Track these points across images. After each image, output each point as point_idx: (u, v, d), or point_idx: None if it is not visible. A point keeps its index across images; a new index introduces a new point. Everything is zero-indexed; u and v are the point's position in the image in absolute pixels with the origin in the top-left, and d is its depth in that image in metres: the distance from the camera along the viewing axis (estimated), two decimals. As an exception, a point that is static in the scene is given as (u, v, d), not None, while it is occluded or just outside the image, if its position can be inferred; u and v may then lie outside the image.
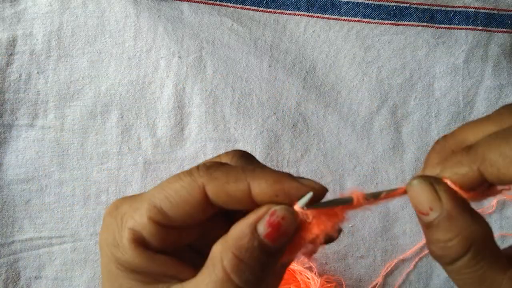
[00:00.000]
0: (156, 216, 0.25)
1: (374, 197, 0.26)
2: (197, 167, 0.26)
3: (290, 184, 0.25)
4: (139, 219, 0.25)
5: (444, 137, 0.29)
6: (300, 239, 0.25)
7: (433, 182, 0.25)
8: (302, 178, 0.26)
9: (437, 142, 0.29)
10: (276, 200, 0.25)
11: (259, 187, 0.24)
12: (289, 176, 0.25)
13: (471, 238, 0.24)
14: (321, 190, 0.25)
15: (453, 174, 0.26)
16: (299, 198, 0.25)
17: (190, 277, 0.25)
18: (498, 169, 0.24)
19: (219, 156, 0.29)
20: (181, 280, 0.26)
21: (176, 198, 0.25)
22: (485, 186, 0.26)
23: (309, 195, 0.24)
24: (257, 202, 0.25)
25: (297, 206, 0.25)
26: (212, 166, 0.26)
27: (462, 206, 0.25)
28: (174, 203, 0.25)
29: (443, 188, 0.25)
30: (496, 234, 0.58)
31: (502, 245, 0.47)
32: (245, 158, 0.29)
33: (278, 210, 0.24)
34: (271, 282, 0.27)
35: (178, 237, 0.26)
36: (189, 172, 0.26)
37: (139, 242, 0.25)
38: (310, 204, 0.25)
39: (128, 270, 0.25)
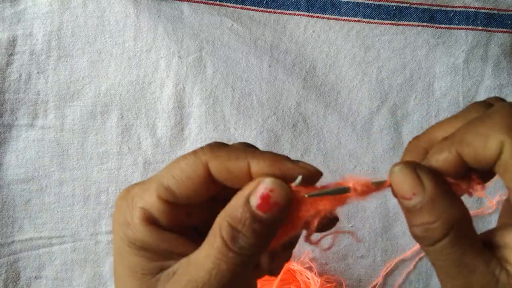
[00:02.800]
0: (163, 194, 0.27)
1: (376, 185, 0.27)
2: (202, 147, 0.28)
3: (286, 165, 0.27)
4: (148, 199, 0.27)
5: (416, 137, 0.30)
6: (296, 219, 0.27)
7: (416, 167, 0.26)
8: (299, 161, 0.27)
9: (410, 142, 0.30)
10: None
11: (258, 165, 0.26)
12: (286, 158, 0.27)
13: (452, 221, 0.25)
14: (315, 173, 0.27)
15: (434, 161, 0.26)
16: (294, 179, 0.26)
17: None
18: (475, 148, 0.25)
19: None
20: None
21: (181, 176, 0.27)
22: (469, 176, 0.27)
23: (300, 177, 0.26)
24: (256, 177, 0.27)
25: (293, 186, 0.27)
26: (215, 146, 0.28)
27: (444, 190, 0.26)
28: (180, 180, 0.27)
29: (425, 173, 0.26)
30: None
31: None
32: (248, 144, 0.31)
33: (267, 182, 0.26)
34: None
35: (185, 216, 0.28)
36: (194, 152, 0.27)
37: (149, 220, 0.27)
38: (305, 184, 0.27)
39: (139, 248, 0.27)
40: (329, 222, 0.29)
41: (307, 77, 0.58)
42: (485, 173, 0.27)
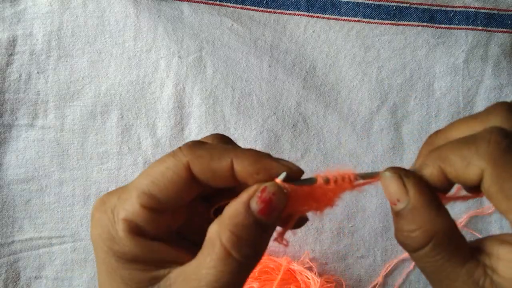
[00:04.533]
0: (147, 202, 0.26)
1: (361, 179, 0.28)
2: (180, 148, 0.27)
3: (270, 164, 0.26)
4: (130, 208, 0.26)
5: (436, 133, 0.30)
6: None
7: (403, 175, 0.26)
8: (281, 159, 0.27)
9: (430, 136, 0.30)
10: (256, 178, 0.26)
11: (242, 164, 0.26)
12: (269, 156, 0.27)
13: (432, 231, 0.25)
14: (298, 171, 0.27)
15: (423, 174, 0.27)
16: (277, 176, 0.26)
17: (187, 260, 0.26)
18: (456, 170, 0.25)
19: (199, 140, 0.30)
20: (180, 263, 0.26)
21: (163, 181, 0.26)
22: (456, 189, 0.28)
23: (284, 174, 0.26)
24: (239, 178, 0.26)
25: (278, 180, 0.27)
26: (195, 145, 0.27)
27: (428, 200, 0.26)
28: (162, 185, 0.26)
29: (411, 181, 0.26)
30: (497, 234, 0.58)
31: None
32: (224, 140, 0.30)
33: (269, 186, 0.26)
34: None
35: (169, 221, 0.27)
36: (173, 154, 0.26)
37: (135, 231, 0.26)
38: (287, 181, 0.27)
39: (128, 261, 0.26)
40: (299, 221, 0.29)
41: (307, 77, 0.58)
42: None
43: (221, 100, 0.56)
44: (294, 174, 0.27)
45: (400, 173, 0.27)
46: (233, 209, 0.25)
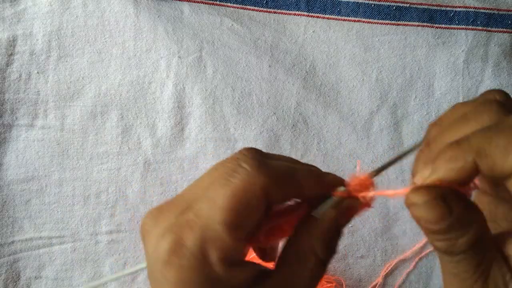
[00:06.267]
0: (238, 234, 0.25)
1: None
2: (247, 167, 0.26)
3: (327, 180, 0.30)
4: (225, 246, 0.25)
5: (433, 124, 0.29)
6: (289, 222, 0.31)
7: (441, 194, 0.25)
8: (328, 173, 0.31)
9: (429, 131, 0.29)
10: (318, 192, 0.30)
11: (308, 184, 0.29)
12: (324, 173, 0.30)
13: (478, 234, 0.25)
14: (343, 182, 0.31)
15: (448, 171, 0.25)
16: (333, 189, 0.30)
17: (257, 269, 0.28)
18: (494, 160, 0.24)
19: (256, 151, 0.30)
20: (262, 276, 0.27)
21: (247, 210, 0.26)
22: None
23: (342, 188, 0.30)
24: (305, 195, 0.29)
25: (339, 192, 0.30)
26: (266, 162, 0.27)
27: (467, 205, 0.25)
28: (246, 215, 0.26)
29: (454, 199, 0.25)
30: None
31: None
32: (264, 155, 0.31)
33: (354, 203, 0.30)
34: None
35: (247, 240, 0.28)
36: (244, 172, 0.26)
37: (232, 263, 0.26)
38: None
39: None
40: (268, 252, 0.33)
41: (307, 77, 0.58)
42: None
43: (221, 100, 0.56)
44: (342, 184, 0.31)
45: (439, 195, 0.25)
46: (326, 225, 0.29)
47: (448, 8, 0.58)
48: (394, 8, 0.58)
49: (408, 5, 0.58)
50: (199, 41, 0.57)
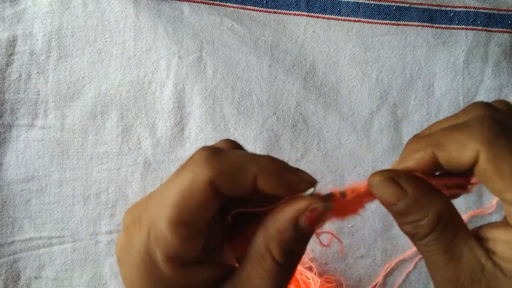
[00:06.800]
0: (181, 232, 0.25)
1: (342, 196, 0.29)
2: (195, 161, 0.25)
3: (292, 179, 0.27)
4: (167, 244, 0.25)
5: (416, 135, 0.30)
6: None
7: (394, 176, 0.27)
8: (298, 170, 0.27)
9: (410, 140, 0.30)
10: (278, 192, 0.27)
11: (265, 180, 0.26)
12: (288, 168, 0.27)
13: (438, 215, 0.26)
14: (315, 183, 0.28)
15: (410, 160, 0.28)
16: (299, 191, 0.27)
17: (219, 273, 0.27)
18: (450, 153, 0.26)
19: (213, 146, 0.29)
20: (220, 279, 0.27)
21: (191, 206, 0.24)
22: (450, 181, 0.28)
23: (311, 190, 0.27)
24: (260, 190, 0.26)
25: (307, 196, 0.28)
26: (213, 157, 0.25)
27: (426, 189, 0.27)
28: (192, 212, 0.25)
29: (404, 180, 0.27)
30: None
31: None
32: (235, 147, 0.31)
33: (319, 207, 0.27)
34: None
35: (202, 241, 0.27)
36: (190, 170, 0.25)
37: (179, 263, 0.25)
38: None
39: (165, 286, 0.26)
40: None
41: (307, 77, 0.58)
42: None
43: (221, 100, 0.56)
44: (311, 186, 0.28)
45: (390, 175, 0.27)
46: (281, 225, 0.26)
47: (448, 8, 0.58)
48: (394, 8, 0.58)
49: (408, 5, 0.58)
50: (199, 41, 0.57)
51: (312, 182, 0.27)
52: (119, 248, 0.26)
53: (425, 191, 0.27)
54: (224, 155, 0.26)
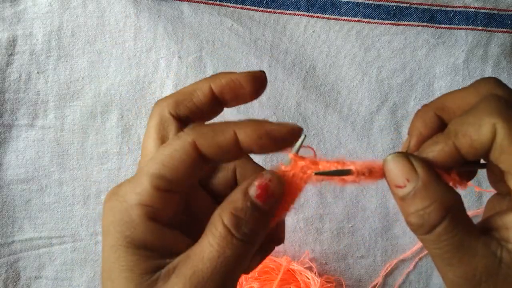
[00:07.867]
0: (159, 183, 0.26)
1: (369, 171, 0.29)
2: (183, 130, 0.28)
3: (271, 126, 0.28)
4: (144, 192, 0.27)
5: (426, 105, 0.31)
6: (284, 201, 0.29)
7: (408, 155, 0.27)
8: (280, 122, 0.29)
9: (420, 110, 0.31)
10: (260, 143, 0.27)
11: (244, 133, 0.27)
12: (268, 121, 0.28)
13: (447, 203, 0.26)
14: (299, 131, 0.29)
15: (430, 152, 0.28)
16: (280, 139, 0.28)
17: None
18: (470, 136, 0.26)
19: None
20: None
21: (173, 162, 0.27)
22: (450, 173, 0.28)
23: (302, 137, 0.29)
24: (244, 148, 0.27)
25: (291, 154, 0.29)
26: (197, 126, 0.28)
27: (437, 176, 0.27)
28: (172, 166, 0.27)
29: (417, 160, 0.27)
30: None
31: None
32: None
33: (265, 173, 0.27)
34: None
35: (179, 205, 0.28)
36: (177, 137, 0.27)
37: (150, 216, 0.27)
38: (288, 146, 0.29)
39: (137, 247, 0.27)
40: (276, 241, 0.32)
41: (307, 77, 0.58)
42: (467, 172, 0.29)
43: (221, 100, 0.56)
44: (296, 133, 0.29)
45: (405, 154, 0.27)
46: (234, 195, 0.27)
47: (448, 8, 0.58)
48: (394, 8, 0.58)
49: (408, 5, 0.58)
50: (199, 41, 0.57)
51: (295, 128, 0.28)
52: (107, 196, 0.28)
53: (435, 178, 0.27)
54: (207, 124, 0.28)
